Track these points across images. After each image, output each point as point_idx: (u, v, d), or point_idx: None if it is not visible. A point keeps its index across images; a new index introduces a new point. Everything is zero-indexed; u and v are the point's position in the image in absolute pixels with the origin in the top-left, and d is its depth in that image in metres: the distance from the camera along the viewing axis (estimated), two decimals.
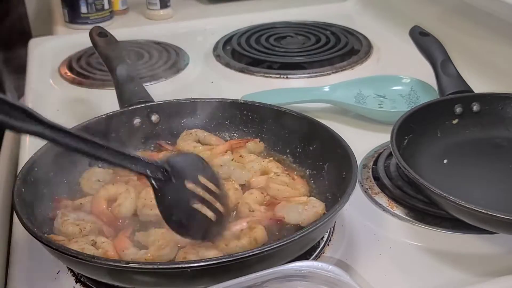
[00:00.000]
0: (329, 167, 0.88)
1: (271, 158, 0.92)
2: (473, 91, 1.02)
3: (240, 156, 0.91)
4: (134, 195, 0.83)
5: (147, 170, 0.69)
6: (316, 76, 1.31)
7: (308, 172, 0.91)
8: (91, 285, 0.75)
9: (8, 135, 1.33)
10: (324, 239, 0.81)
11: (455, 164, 0.94)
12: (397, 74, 1.22)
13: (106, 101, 1.14)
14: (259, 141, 0.95)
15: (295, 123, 0.94)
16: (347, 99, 1.15)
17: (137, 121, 0.97)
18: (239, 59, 1.40)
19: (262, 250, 0.66)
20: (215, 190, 0.74)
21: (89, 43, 1.10)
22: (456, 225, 0.82)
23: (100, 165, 0.92)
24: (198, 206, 0.72)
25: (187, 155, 0.81)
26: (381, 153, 0.99)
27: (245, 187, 0.87)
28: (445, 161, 0.94)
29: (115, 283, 0.70)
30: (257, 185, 0.87)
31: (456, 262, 0.78)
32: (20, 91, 1.40)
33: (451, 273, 0.76)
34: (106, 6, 1.62)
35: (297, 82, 1.30)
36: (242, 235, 0.75)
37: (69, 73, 1.34)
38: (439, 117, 0.99)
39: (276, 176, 0.87)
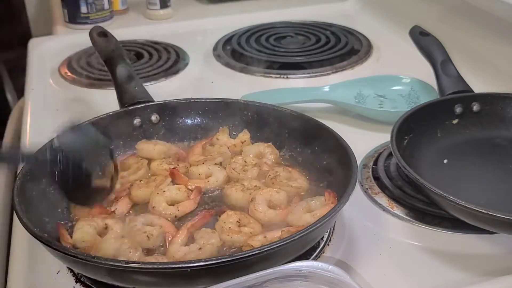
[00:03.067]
0: (329, 167, 0.88)
1: (270, 143, 0.95)
2: (473, 91, 1.02)
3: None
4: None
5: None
6: (316, 76, 1.32)
7: (308, 172, 0.91)
8: (91, 285, 0.75)
9: (8, 134, 1.33)
10: (324, 239, 0.81)
11: (455, 164, 0.94)
12: (397, 74, 1.22)
13: (106, 101, 1.14)
14: (223, 127, 0.98)
15: (295, 123, 0.94)
16: (347, 99, 1.15)
17: (137, 121, 0.97)
18: (239, 59, 1.40)
19: (262, 250, 0.66)
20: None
21: (89, 43, 1.10)
22: (456, 225, 0.82)
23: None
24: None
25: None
26: (381, 153, 0.99)
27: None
28: (445, 161, 0.94)
29: (115, 283, 0.70)
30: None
31: (456, 262, 0.78)
32: (20, 91, 1.40)
33: (451, 273, 0.76)
34: (106, 6, 1.62)
35: (297, 82, 1.30)
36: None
37: (69, 73, 1.34)
38: (439, 117, 0.98)
39: (276, 174, 0.88)
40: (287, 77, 1.31)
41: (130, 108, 0.97)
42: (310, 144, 0.92)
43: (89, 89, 1.27)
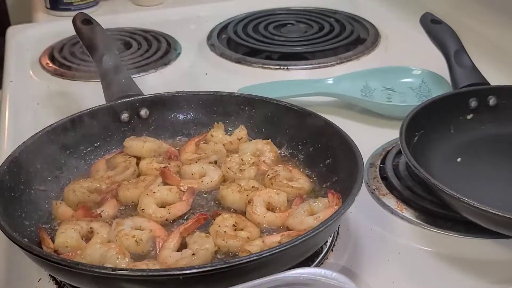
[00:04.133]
0: (333, 166, 0.88)
1: (269, 140, 0.95)
2: (489, 84, 1.02)
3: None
4: None
5: None
6: (319, 67, 1.32)
7: (310, 171, 0.91)
8: None
9: None
10: (328, 244, 0.81)
11: (470, 162, 0.94)
12: (406, 65, 1.22)
13: (91, 94, 1.14)
14: (217, 123, 0.98)
15: (296, 118, 0.94)
16: (353, 92, 1.15)
17: (124, 116, 0.97)
18: (235, 48, 1.40)
19: (260, 256, 0.66)
20: None
21: (72, 31, 1.10)
22: (470, 228, 0.82)
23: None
24: None
25: None
26: (389, 150, 0.99)
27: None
28: (459, 159, 0.95)
29: None
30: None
31: (470, 269, 0.78)
32: None
33: (464, 281, 0.76)
34: None
35: (298, 73, 1.30)
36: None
37: (50, 64, 1.34)
38: (453, 111, 0.99)
39: (275, 173, 0.88)
40: (287, 68, 1.31)
41: (117, 102, 0.97)
42: (312, 141, 0.92)
43: (72, 82, 1.28)
